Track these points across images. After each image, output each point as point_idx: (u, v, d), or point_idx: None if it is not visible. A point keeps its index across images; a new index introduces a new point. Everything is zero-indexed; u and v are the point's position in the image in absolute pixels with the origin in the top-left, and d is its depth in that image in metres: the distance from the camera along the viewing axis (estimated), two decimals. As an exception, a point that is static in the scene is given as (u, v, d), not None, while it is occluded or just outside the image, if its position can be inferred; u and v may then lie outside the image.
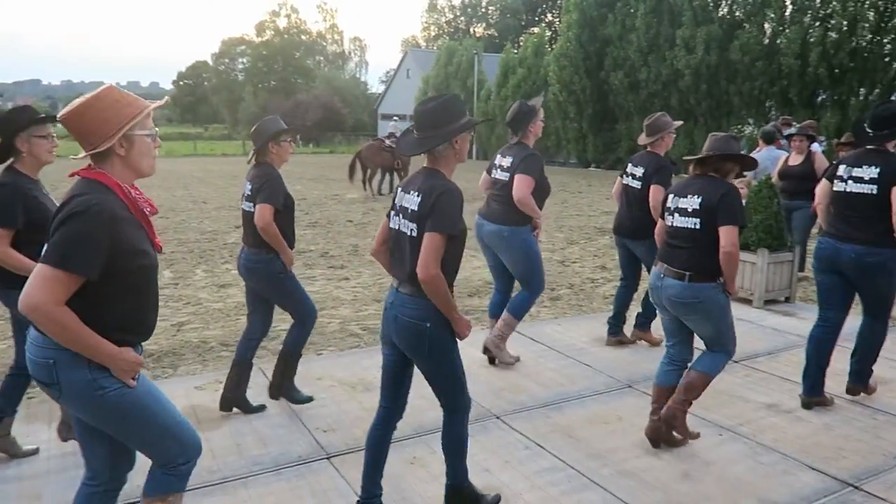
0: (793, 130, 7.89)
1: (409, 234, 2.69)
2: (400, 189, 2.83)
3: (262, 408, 4.05)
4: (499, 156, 4.73)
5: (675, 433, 3.60)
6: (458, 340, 2.78)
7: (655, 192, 4.77)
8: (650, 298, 3.75)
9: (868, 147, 4.02)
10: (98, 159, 2.13)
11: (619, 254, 5.40)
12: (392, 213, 2.85)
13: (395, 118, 25.04)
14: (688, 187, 3.53)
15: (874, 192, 3.86)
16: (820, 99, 20.62)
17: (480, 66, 35.63)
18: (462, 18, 65.00)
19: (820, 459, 3.52)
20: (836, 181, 4.08)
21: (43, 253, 2.02)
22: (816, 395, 4.17)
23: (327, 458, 3.51)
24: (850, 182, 3.98)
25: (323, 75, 65.02)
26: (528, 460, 3.51)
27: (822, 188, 4.23)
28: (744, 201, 5.29)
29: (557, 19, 45.64)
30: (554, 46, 30.04)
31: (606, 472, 3.40)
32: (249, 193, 3.83)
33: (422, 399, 3.37)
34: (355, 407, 4.14)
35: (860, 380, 4.27)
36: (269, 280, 3.89)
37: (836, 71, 19.56)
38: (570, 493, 3.20)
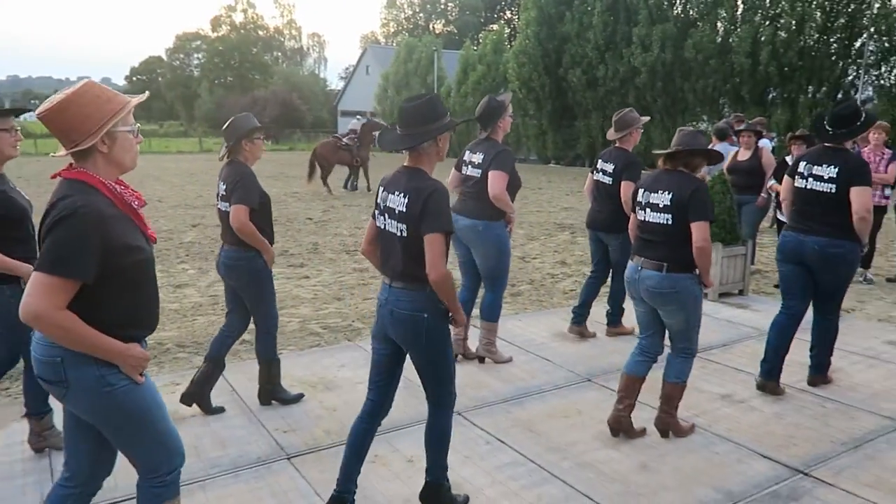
0: (743, 126, 8.08)
1: (398, 234, 2.71)
2: (382, 189, 2.83)
3: (220, 409, 4.00)
4: (468, 152, 4.71)
5: (675, 435, 3.73)
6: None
7: (626, 187, 4.89)
8: (626, 291, 3.82)
9: (826, 145, 4.14)
10: (79, 157, 2.07)
11: (592, 248, 5.48)
12: (377, 212, 2.86)
13: (357, 116, 24.91)
14: (658, 182, 3.59)
15: (833, 190, 4.01)
16: (771, 96, 21.25)
17: (440, 63, 35.67)
18: (421, 15, 64.94)
19: (772, 447, 3.62)
20: (797, 178, 4.21)
21: (37, 260, 1.98)
22: (772, 379, 4.30)
23: (287, 459, 3.48)
24: (810, 180, 4.12)
25: (281, 71, 64.24)
26: (488, 455, 3.53)
27: (785, 185, 4.39)
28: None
29: (516, 16, 45.89)
30: (513, 43, 30.23)
31: (566, 465, 3.44)
32: (224, 193, 3.77)
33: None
34: (315, 406, 4.11)
35: (820, 371, 4.47)
36: (251, 278, 3.84)
37: (786, 69, 20.15)
38: (530, 486, 3.23)
